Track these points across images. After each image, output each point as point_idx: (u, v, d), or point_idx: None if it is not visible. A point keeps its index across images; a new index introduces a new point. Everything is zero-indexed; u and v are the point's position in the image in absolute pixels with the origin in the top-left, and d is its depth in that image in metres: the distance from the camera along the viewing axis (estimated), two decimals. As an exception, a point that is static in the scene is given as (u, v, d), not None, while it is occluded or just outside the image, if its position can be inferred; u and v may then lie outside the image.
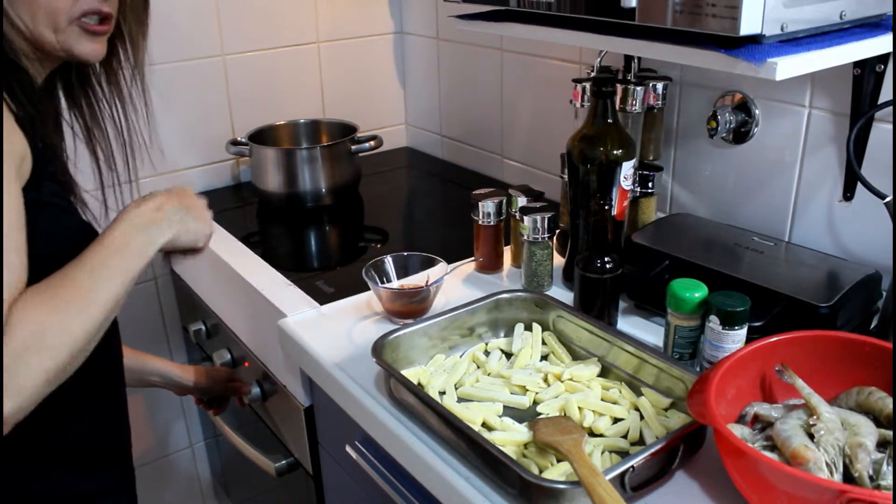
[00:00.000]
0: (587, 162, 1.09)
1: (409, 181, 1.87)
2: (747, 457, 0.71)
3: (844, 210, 1.10)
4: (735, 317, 0.90)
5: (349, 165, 1.63)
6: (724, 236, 1.15)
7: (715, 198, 1.27)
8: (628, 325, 1.09)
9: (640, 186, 1.24)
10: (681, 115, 1.28)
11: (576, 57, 1.45)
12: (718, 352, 0.92)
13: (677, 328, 0.96)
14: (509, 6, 0.98)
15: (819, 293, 0.96)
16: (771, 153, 1.17)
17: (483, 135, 1.76)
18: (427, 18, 1.82)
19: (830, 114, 1.09)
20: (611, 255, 1.05)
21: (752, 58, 0.76)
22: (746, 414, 0.82)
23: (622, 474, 0.74)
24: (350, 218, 1.63)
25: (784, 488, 0.69)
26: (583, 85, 1.22)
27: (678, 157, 1.30)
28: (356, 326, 1.11)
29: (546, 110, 1.56)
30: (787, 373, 0.83)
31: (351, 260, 1.42)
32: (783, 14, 0.76)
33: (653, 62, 1.27)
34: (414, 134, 1.99)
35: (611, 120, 1.09)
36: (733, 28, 0.73)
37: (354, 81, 1.89)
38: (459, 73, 1.77)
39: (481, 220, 1.22)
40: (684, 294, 0.94)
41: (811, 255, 1.09)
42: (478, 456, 0.81)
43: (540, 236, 1.14)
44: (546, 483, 0.74)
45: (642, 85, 1.19)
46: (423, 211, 1.71)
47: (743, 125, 1.18)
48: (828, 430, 0.75)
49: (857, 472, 0.71)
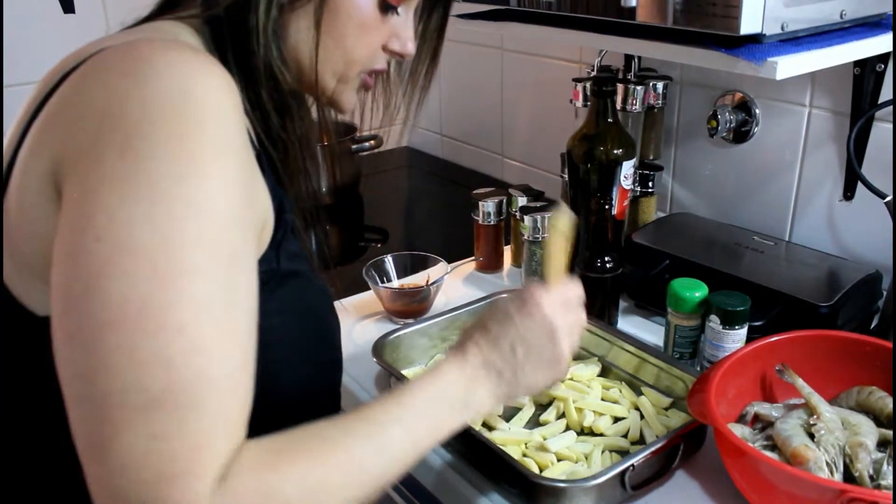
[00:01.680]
0: (587, 161, 1.09)
1: (410, 181, 1.87)
2: (748, 456, 0.71)
3: (845, 209, 1.10)
4: (735, 316, 0.90)
5: (349, 165, 1.63)
6: (725, 236, 1.15)
7: (715, 197, 1.26)
8: (628, 325, 1.09)
9: (640, 186, 1.24)
10: (681, 114, 1.28)
11: (576, 56, 1.45)
12: (719, 351, 0.92)
13: (677, 327, 0.96)
14: (510, 6, 0.98)
15: (819, 293, 0.96)
16: (771, 153, 1.17)
17: (483, 134, 1.76)
18: (427, 18, 1.82)
19: (831, 113, 1.08)
20: (611, 254, 1.05)
21: (753, 57, 0.76)
22: (747, 413, 0.82)
23: (622, 473, 0.74)
24: (350, 217, 1.63)
25: (784, 488, 0.69)
26: (583, 84, 1.22)
27: (678, 157, 1.30)
28: (356, 326, 1.11)
29: (546, 110, 1.56)
30: (787, 372, 0.83)
31: (351, 259, 1.42)
32: (783, 13, 0.76)
33: (653, 62, 1.27)
34: (414, 133, 1.99)
35: (611, 119, 1.09)
36: (734, 27, 0.73)
37: (355, 81, 1.88)
38: (460, 73, 1.77)
39: (481, 219, 1.22)
40: (684, 293, 0.94)
41: (811, 254, 1.09)
42: (478, 455, 0.81)
43: (540, 236, 1.14)
44: (547, 482, 0.74)
45: (642, 84, 1.19)
46: (424, 210, 1.71)
47: (743, 125, 1.18)
48: (828, 430, 0.75)
49: (857, 472, 0.71)
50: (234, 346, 0.49)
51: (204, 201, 0.49)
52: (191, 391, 0.47)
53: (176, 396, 0.46)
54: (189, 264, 0.48)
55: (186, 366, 0.47)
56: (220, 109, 0.51)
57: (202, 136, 0.50)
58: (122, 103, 0.49)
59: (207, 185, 0.49)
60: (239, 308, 0.51)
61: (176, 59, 0.51)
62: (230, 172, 0.51)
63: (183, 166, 0.49)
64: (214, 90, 0.51)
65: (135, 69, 0.51)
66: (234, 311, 0.50)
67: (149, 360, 0.46)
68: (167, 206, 0.48)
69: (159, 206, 0.47)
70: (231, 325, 0.49)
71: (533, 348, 0.66)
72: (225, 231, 0.50)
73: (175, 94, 0.50)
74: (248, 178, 0.54)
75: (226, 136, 0.51)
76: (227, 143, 0.51)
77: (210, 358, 0.48)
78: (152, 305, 0.46)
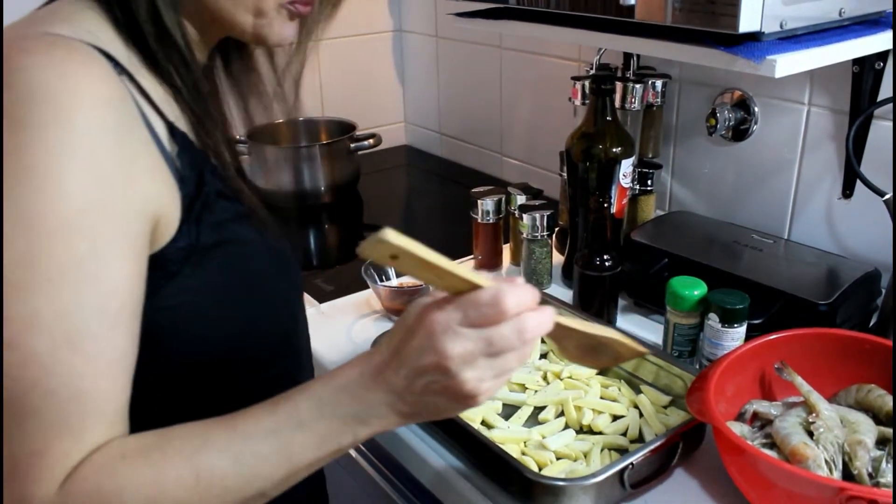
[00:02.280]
0: (586, 160, 1.09)
1: (409, 179, 1.86)
2: (747, 454, 0.71)
3: (844, 207, 1.10)
4: (734, 314, 0.90)
5: (348, 163, 1.63)
6: (724, 234, 1.15)
7: (714, 195, 1.26)
8: (628, 323, 1.09)
9: (639, 184, 1.23)
10: (680, 112, 1.28)
11: (575, 55, 1.45)
12: (718, 349, 0.92)
13: (676, 326, 0.96)
14: (508, 4, 0.98)
15: (818, 291, 0.96)
16: (770, 151, 1.17)
17: (482, 133, 1.76)
18: (426, 16, 1.82)
19: (829, 111, 1.08)
20: (610, 252, 1.05)
21: (752, 55, 0.76)
22: (746, 411, 0.82)
23: (621, 471, 0.74)
24: (349, 216, 1.63)
25: (783, 486, 0.69)
26: (582, 83, 1.22)
27: (677, 155, 1.30)
28: (355, 325, 1.11)
29: (545, 108, 1.56)
30: (786, 370, 0.83)
31: (350, 258, 1.42)
32: (782, 11, 0.76)
33: (652, 60, 1.26)
34: (413, 132, 1.99)
35: (610, 118, 1.09)
36: (732, 25, 0.73)
37: (353, 79, 1.88)
38: (458, 71, 1.77)
39: (480, 218, 1.21)
40: (683, 292, 0.94)
41: (810, 252, 1.09)
42: (477, 454, 0.81)
43: (539, 234, 1.14)
44: (546, 481, 0.74)
45: (641, 82, 1.19)
46: (422, 209, 1.71)
47: (742, 123, 1.18)
48: (827, 428, 0.75)
49: (856, 470, 0.71)
50: (73, 354, 0.50)
51: (35, 213, 0.50)
52: (26, 401, 0.49)
53: (12, 407, 0.49)
54: (15, 281, 0.49)
55: (20, 378, 0.49)
56: (72, 104, 0.51)
57: (40, 141, 0.50)
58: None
59: (41, 194, 0.50)
60: (86, 310, 0.51)
61: (36, 61, 0.51)
62: (74, 173, 0.51)
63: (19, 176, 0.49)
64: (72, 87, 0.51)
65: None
66: (75, 318, 0.50)
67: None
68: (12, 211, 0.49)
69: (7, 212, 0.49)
70: (70, 335, 0.50)
71: (422, 376, 0.54)
72: (60, 238, 0.50)
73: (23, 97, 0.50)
74: (116, 167, 0.53)
75: (74, 134, 0.51)
76: (75, 142, 0.51)
77: (43, 369, 0.49)
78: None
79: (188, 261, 0.60)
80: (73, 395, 0.51)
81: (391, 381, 0.55)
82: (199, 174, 0.62)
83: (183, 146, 0.61)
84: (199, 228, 0.61)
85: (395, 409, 0.56)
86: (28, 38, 0.54)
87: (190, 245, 0.60)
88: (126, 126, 0.55)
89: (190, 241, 0.60)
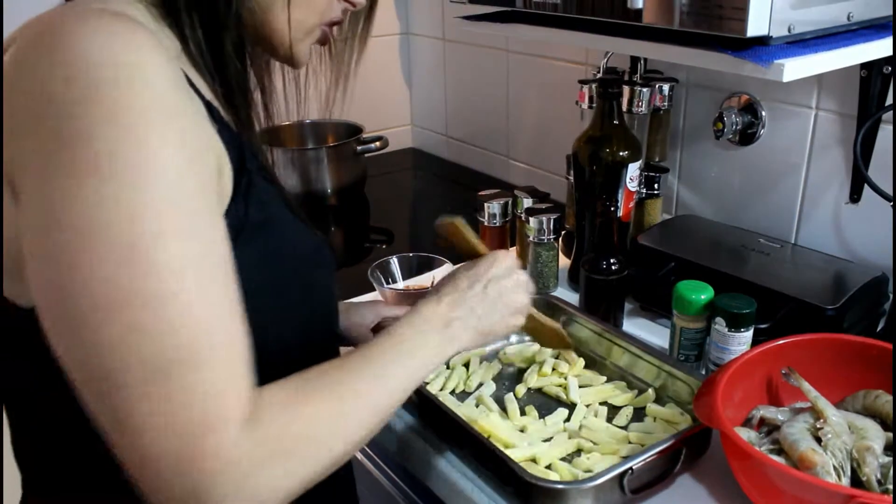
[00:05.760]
0: (593, 163, 1.09)
1: (415, 182, 1.87)
2: (755, 460, 0.71)
3: (851, 212, 1.10)
4: (741, 319, 0.90)
5: (355, 166, 1.63)
6: (730, 238, 1.15)
7: (721, 199, 1.26)
8: (634, 327, 1.09)
9: (645, 188, 1.23)
10: (687, 116, 1.27)
11: (582, 58, 1.44)
12: (724, 354, 0.91)
13: (683, 330, 0.96)
14: (515, 7, 0.98)
15: (825, 295, 0.96)
16: (777, 155, 1.16)
17: (489, 136, 1.76)
18: (433, 19, 1.82)
19: (837, 115, 1.08)
20: (616, 256, 1.05)
21: (759, 59, 0.75)
22: (753, 417, 0.82)
23: (621, 476, 0.74)
24: (355, 218, 1.63)
25: (792, 492, 0.69)
26: (589, 86, 1.22)
27: (684, 159, 1.30)
28: (361, 327, 1.11)
29: (552, 111, 1.56)
30: (793, 376, 0.83)
31: (356, 260, 1.42)
32: (790, 15, 0.75)
33: (659, 63, 1.26)
34: (419, 135, 1.99)
35: (617, 121, 1.08)
36: (740, 29, 0.73)
37: (360, 82, 1.88)
38: (465, 75, 1.77)
39: (487, 221, 1.21)
40: (690, 296, 0.94)
41: (817, 257, 1.09)
42: (477, 453, 0.81)
43: (545, 237, 1.14)
44: (544, 483, 0.74)
45: (648, 86, 1.19)
46: (429, 211, 1.71)
47: (749, 127, 1.18)
48: (835, 434, 0.74)
49: (865, 476, 0.71)
50: (221, 297, 0.51)
51: (149, 168, 0.49)
52: (192, 350, 0.48)
53: (180, 359, 0.48)
54: (154, 230, 0.48)
55: (182, 327, 0.48)
56: (147, 71, 0.50)
57: (132, 103, 0.49)
58: (46, 86, 0.48)
59: (147, 151, 0.49)
60: (214, 260, 0.51)
61: (91, 28, 0.50)
62: (169, 132, 0.50)
63: (120, 139, 0.48)
64: (135, 52, 0.50)
65: (51, 46, 0.49)
66: (210, 264, 0.51)
67: (143, 332, 0.47)
68: (115, 182, 0.48)
69: (108, 184, 0.48)
70: (212, 278, 0.51)
71: (503, 287, 0.73)
72: (177, 190, 0.50)
73: (96, 66, 0.48)
74: (191, 130, 0.53)
75: (156, 97, 0.50)
76: (159, 103, 0.50)
77: (200, 313, 0.49)
78: (132, 280, 0.47)
79: (238, 237, 0.58)
80: (229, 337, 0.51)
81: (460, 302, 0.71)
82: (239, 151, 0.61)
83: (221, 125, 0.61)
84: (248, 204, 0.61)
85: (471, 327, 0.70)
86: (68, 12, 0.52)
87: (239, 221, 0.60)
88: (188, 95, 0.55)
89: (239, 217, 0.60)
